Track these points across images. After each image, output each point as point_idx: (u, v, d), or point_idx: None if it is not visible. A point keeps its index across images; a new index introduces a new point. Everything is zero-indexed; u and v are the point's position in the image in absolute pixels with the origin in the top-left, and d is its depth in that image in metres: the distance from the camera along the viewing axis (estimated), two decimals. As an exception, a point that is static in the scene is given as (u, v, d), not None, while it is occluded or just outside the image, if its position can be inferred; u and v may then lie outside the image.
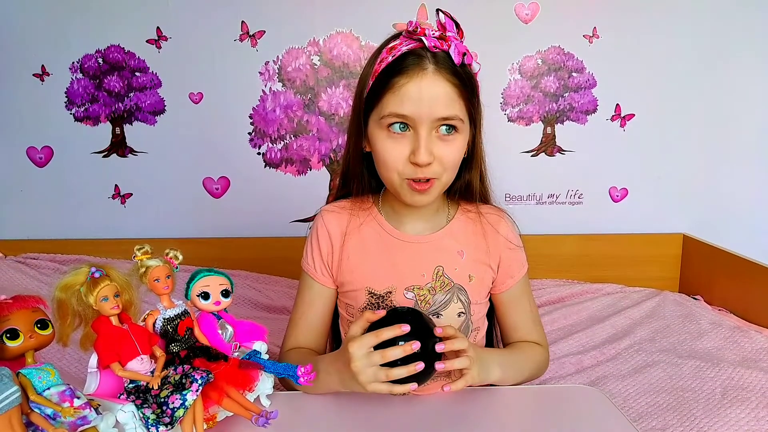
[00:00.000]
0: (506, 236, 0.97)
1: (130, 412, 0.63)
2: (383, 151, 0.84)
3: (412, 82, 0.80)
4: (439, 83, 0.81)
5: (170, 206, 2.14)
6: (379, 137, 0.84)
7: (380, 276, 0.93)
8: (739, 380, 1.31)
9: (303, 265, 0.99)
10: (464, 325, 0.95)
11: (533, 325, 1.03)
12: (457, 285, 0.93)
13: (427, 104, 0.80)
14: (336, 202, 0.99)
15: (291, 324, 0.99)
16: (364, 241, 0.95)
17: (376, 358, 0.74)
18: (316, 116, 2.09)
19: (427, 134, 0.81)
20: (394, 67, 0.82)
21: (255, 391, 0.78)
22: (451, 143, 0.84)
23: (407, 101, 0.80)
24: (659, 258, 2.14)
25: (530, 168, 2.13)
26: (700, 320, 1.70)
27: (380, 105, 0.83)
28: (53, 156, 2.10)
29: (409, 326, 0.75)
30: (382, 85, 0.82)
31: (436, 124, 0.82)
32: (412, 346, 0.74)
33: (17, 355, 0.60)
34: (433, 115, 0.81)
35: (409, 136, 0.82)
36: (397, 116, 0.81)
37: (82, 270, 0.67)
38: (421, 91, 0.80)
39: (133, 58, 2.04)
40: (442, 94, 0.81)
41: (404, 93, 0.80)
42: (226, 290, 0.75)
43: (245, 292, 1.90)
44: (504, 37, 2.03)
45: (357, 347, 0.75)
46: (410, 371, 0.74)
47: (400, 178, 0.85)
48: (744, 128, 2.10)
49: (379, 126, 0.84)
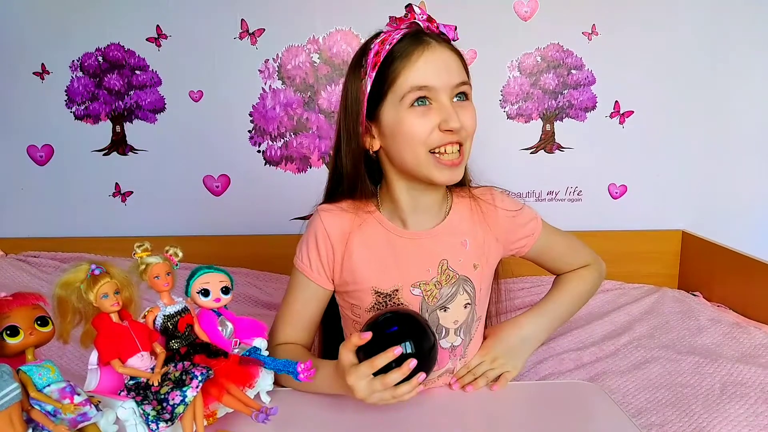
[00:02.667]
0: (503, 207, 0.98)
1: (130, 408, 0.63)
2: (411, 126, 0.84)
3: (424, 54, 0.83)
4: (446, 52, 0.85)
5: (171, 204, 2.14)
6: (404, 116, 0.84)
7: (385, 275, 0.92)
8: (738, 376, 1.31)
9: (297, 264, 0.97)
10: (470, 316, 0.95)
11: (575, 253, 1.08)
12: (462, 277, 0.93)
13: (444, 70, 0.84)
14: (335, 203, 0.96)
15: (281, 320, 0.98)
16: (366, 241, 0.93)
17: (377, 386, 0.75)
18: (316, 114, 2.09)
19: (448, 101, 0.84)
20: (397, 52, 0.84)
21: (255, 387, 0.78)
22: (468, 109, 0.87)
23: (424, 72, 0.83)
24: (658, 254, 2.14)
25: (529, 165, 2.13)
26: (699, 316, 1.70)
27: (396, 86, 0.84)
28: (54, 154, 2.11)
29: (401, 348, 0.75)
30: (393, 69, 0.84)
31: (453, 92, 0.85)
32: (410, 365, 0.74)
33: (17, 352, 0.60)
34: (451, 81, 0.84)
35: (433, 108, 0.84)
36: (418, 89, 0.83)
37: (82, 267, 0.67)
38: (435, 61, 0.83)
39: (133, 56, 2.04)
40: (451, 61, 0.85)
41: (420, 65, 0.83)
42: (226, 287, 0.75)
43: (245, 290, 1.90)
44: (503, 34, 2.03)
45: (356, 379, 0.76)
46: (407, 377, 0.75)
47: (428, 155, 0.85)
48: (743, 125, 2.10)
49: (399, 107, 0.85)
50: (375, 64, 0.85)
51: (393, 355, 0.74)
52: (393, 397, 0.76)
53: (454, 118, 0.82)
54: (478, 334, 0.99)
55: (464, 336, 0.95)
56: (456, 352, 0.95)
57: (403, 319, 0.80)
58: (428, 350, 0.78)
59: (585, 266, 1.07)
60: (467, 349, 0.97)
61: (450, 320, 0.93)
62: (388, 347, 0.74)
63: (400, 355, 0.74)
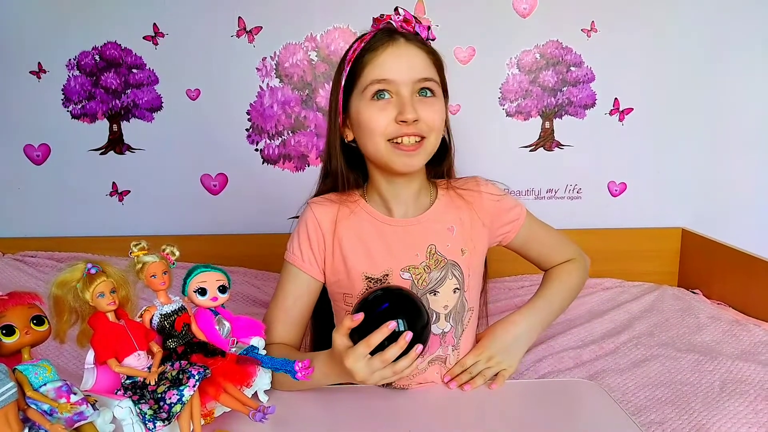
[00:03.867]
0: (487, 191, 1.01)
1: (127, 407, 0.63)
2: (369, 118, 0.88)
3: (389, 50, 0.87)
4: (412, 49, 0.88)
5: (168, 203, 2.13)
6: (365, 108, 0.89)
7: (375, 261, 0.94)
8: (738, 373, 1.31)
9: (288, 257, 0.99)
10: (459, 302, 0.96)
11: (560, 246, 1.11)
12: (450, 261, 0.95)
13: (405, 65, 0.87)
14: (324, 195, 1.01)
15: (272, 318, 0.98)
16: (355, 229, 0.96)
17: (377, 365, 0.75)
18: (314, 112, 2.08)
19: (409, 95, 0.87)
20: (367, 48, 0.89)
21: (252, 386, 0.78)
22: (432, 105, 0.89)
23: (386, 66, 0.86)
24: (658, 252, 2.13)
25: (528, 163, 2.12)
26: (698, 314, 1.70)
27: (361, 78, 0.89)
28: (50, 154, 2.10)
29: (395, 323, 0.74)
30: (361, 63, 0.89)
31: (416, 87, 0.87)
32: (406, 338, 0.74)
33: (13, 352, 0.60)
34: (413, 76, 0.87)
35: (393, 102, 0.87)
36: (378, 82, 0.87)
37: (79, 266, 0.66)
38: (399, 55, 0.87)
39: (130, 54, 2.03)
40: (417, 58, 0.88)
41: (383, 60, 0.87)
42: (223, 286, 0.75)
43: (243, 289, 1.90)
44: (502, 31, 2.03)
45: (354, 361, 0.76)
46: (405, 352, 0.75)
47: (387, 144, 0.89)
48: (743, 121, 2.09)
49: (362, 98, 0.89)
50: (349, 61, 0.90)
51: (387, 331, 0.74)
52: (394, 373, 0.76)
53: (409, 110, 0.85)
54: (470, 326, 1.00)
55: (454, 323, 0.97)
56: (446, 339, 0.96)
57: (393, 295, 0.79)
58: (423, 325, 0.77)
59: (570, 260, 1.11)
60: (460, 340, 0.98)
61: (440, 305, 0.95)
62: (382, 324, 0.74)
63: (395, 331, 0.74)
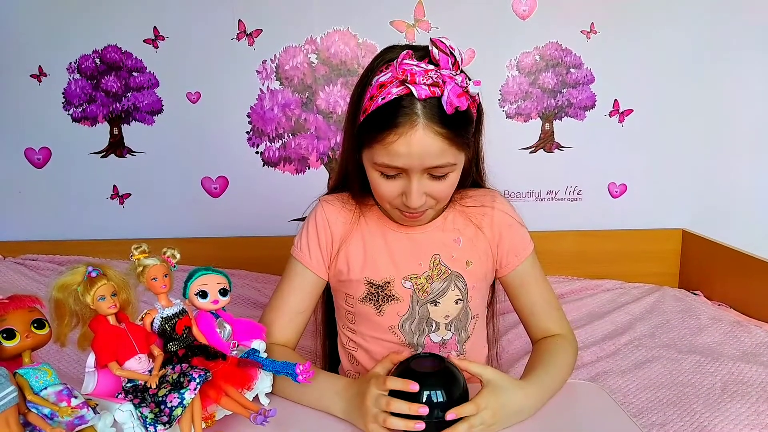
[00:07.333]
0: (503, 210, 0.98)
1: (128, 411, 0.63)
2: (376, 187, 0.87)
3: (402, 138, 0.78)
4: (428, 137, 0.78)
5: (169, 206, 2.14)
6: (372, 174, 0.86)
7: (378, 266, 0.94)
8: (739, 375, 1.31)
9: (295, 253, 0.98)
10: (462, 313, 0.96)
11: (550, 309, 0.98)
12: (454, 272, 0.94)
13: (417, 158, 0.80)
14: (336, 194, 1.00)
15: (272, 313, 0.96)
16: (363, 232, 0.96)
17: (382, 402, 0.73)
18: (314, 115, 2.08)
19: (418, 180, 0.82)
20: (383, 115, 0.79)
21: (254, 389, 0.77)
22: (444, 181, 0.85)
23: (396, 156, 0.80)
24: (659, 253, 2.14)
25: (529, 164, 2.12)
26: (699, 315, 1.70)
27: (371, 151, 0.83)
28: (51, 157, 2.10)
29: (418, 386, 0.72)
30: (372, 134, 0.81)
31: (427, 171, 0.82)
32: (419, 410, 0.71)
33: (14, 355, 0.59)
34: (424, 165, 0.81)
35: (401, 179, 0.84)
36: (387, 167, 0.82)
37: (79, 269, 0.66)
38: (411, 147, 0.78)
39: (131, 58, 2.04)
40: (432, 148, 0.79)
41: (394, 150, 0.79)
42: (224, 289, 0.74)
43: (244, 292, 1.90)
44: (502, 33, 2.03)
45: (375, 386, 0.75)
46: (407, 426, 0.71)
47: (392, 206, 0.89)
48: (743, 123, 2.10)
49: (371, 165, 0.85)
50: (366, 110, 0.82)
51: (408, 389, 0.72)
52: (383, 419, 0.72)
53: (414, 200, 0.83)
54: (477, 333, 1.00)
55: (456, 331, 0.96)
56: (447, 346, 0.96)
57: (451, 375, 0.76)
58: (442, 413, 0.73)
59: (562, 336, 0.97)
60: (464, 346, 0.98)
61: (440, 314, 0.94)
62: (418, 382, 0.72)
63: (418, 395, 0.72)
